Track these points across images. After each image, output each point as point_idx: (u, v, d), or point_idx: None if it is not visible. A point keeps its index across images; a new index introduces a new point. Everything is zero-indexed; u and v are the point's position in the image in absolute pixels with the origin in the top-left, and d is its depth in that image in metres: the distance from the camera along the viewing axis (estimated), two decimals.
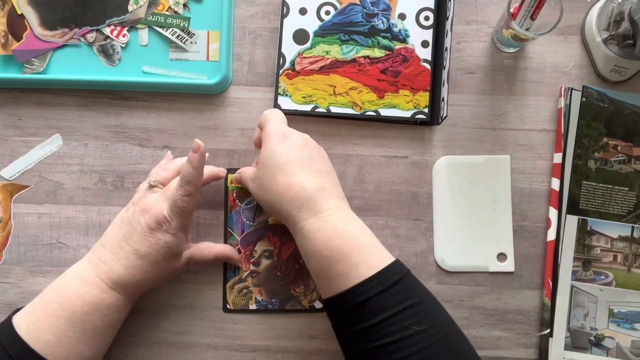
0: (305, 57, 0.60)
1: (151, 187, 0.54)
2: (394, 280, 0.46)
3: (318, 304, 0.59)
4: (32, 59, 0.61)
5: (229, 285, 0.59)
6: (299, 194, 0.49)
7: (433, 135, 0.61)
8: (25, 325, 0.49)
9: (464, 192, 0.60)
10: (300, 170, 0.49)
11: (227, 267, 0.59)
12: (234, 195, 0.60)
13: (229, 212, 0.60)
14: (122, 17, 0.61)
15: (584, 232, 0.59)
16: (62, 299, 0.50)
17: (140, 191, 0.55)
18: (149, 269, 0.51)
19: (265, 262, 0.59)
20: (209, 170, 0.57)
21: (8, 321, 0.49)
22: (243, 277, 0.59)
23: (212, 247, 0.56)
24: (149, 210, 0.51)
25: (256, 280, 0.59)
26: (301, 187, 0.49)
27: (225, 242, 0.60)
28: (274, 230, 0.59)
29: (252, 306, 0.59)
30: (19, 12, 0.61)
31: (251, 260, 0.59)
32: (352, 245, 0.47)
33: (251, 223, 0.60)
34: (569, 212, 0.59)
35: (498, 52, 0.62)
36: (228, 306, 0.59)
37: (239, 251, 0.59)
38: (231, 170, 0.60)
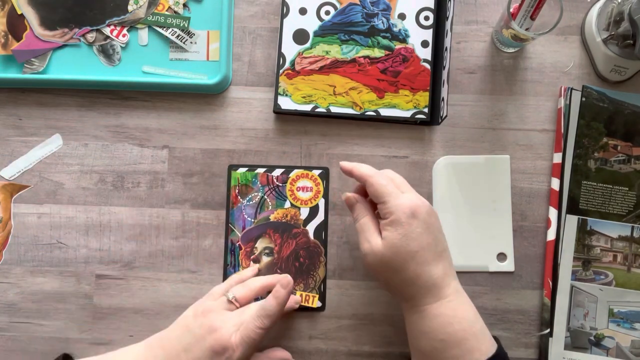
0: (305, 57, 0.60)
1: (229, 302, 0.51)
2: None
3: (317, 303, 0.59)
4: (32, 59, 0.61)
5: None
6: (426, 283, 0.48)
7: (433, 135, 0.61)
8: None
9: (464, 192, 0.60)
10: (430, 259, 0.48)
11: (227, 265, 0.59)
12: (236, 191, 0.60)
13: (230, 209, 0.60)
14: (122, 17, 0.61)
15: (584, 232, 0.59)
16: None
17: (212, 298, 0.52)
18: None
19: (265, 260, 0.59)
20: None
21: None
22: None
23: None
24: (218, 330, 0.48)
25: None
26: (429, 276, 0.48)
27: (226, 238, 0.60)
28: (275, 227, 0.60)
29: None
30: (19, 12, 0.61)
31: (251, 257, 0.59)
32: (468, 332, 0.47)
33: (252, 220, 0.60)
34: (569, 212, 0.59)
35: (498, 52, 0.62)
36: None
37: (240, 248, 0.59)
38: (233, 167, 0.60)
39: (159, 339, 0.51)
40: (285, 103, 0.60)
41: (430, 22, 0.61)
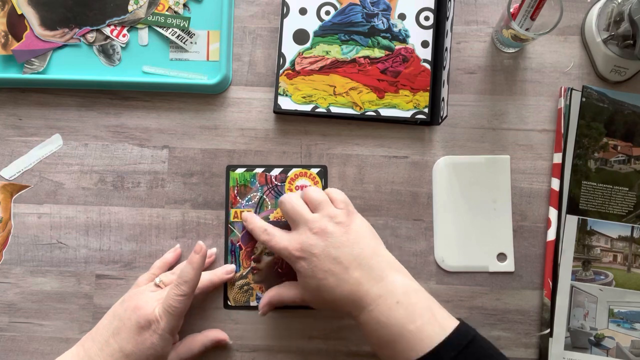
0: (305, 57, 0.60)
1: (156, 285, 0.54)
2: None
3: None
4: (32, 59, 0.61)
5: (230, 282, 0.59)
6: (346, 302, 0.50)
7: (433, 135, 0.61)
8: None
9: (464, 192, 0.60)
10: (334, 282, 0.50)
11: (228, 264, 0.59)
12: (235, 192, 0.60)
13: (229, 209, 0.60)
14: (122, 17, 0.61)
15: (584, 232, 0.59)
16: None
17: (140, 284, 0.56)
18: None
19: (266, 259, 0.59)
20: (209, 276, 0.57)
21: None
22: (244, 273, 0.59)
23: (195, 340, 0.55)
24: (142, 308, 0.50)
25: (257, 276, 0.59)
26: (344, 297, 0.50)
27: (226, 239, 0.60)
28: (275, 227, 0.59)
29: (253, 303, 0.59)
30: (19, 12, 0.61)
31: (252, 257, 0.59)
32: (396, 334, 0.48)
33: None
34: (569, 212, 0.59)
35: (498, 52, 0.62)
36: (229, 303, 0.59)
37: (240, 248, 0.59)
38: (231, 167, 0.60)
39: (89, 334, 0.53)
40: (285, 103, 0.60)
41: (431, 22, 0.61)
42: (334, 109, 0.60)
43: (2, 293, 0.60)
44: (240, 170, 0.60)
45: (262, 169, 0.60)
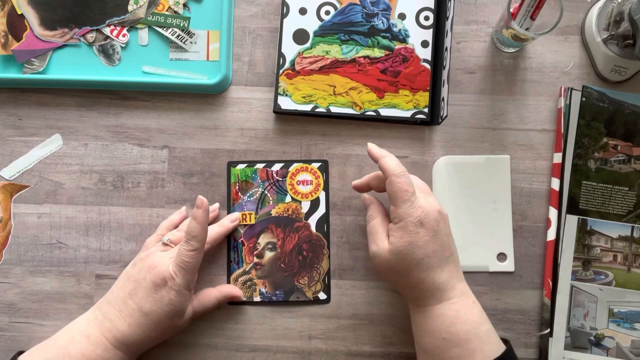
0: (305, 57, 0.60)
1: (164, 245, 0.55)
2: None
3: (322, 295, 0.59)
4: (32, 59, 0.61)
5: (233, 278, 0.59)
6: (430, 287, 0.49)
7: (433, 135, 0.61)
8: None
9: (464, 192, 0.60)
10: (435, 265, 0.49)
11: (230, 260, 0.59)
12: (236, 188, 0.60)
13: (231, 205, 0.60)
14: (122, 17, 0.61)
15: (584, 232, 0.59)
16: (66, 358, 0.50)
17: (148, 246, 0.56)
18: (152, 327, 0.51)
19: (268, 255, 0.59)
20: (216, 229, 0.58)
21: None
22: (247, 269, 0.59)
23: (209, 294, 0.56)
24: (156, 267, 0.51)
25: (260, 272, 0.59)
26: (433, 281, 0.49)
27: (229, 235, 0.60)
28: (277, 222, 0.60)
29: (257, 298, 0.59)
30: (19, 12, 0.61)
31: (255, 253, 0.59)
32: (471, 333, 0.48)
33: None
34: (569, 212, 0.59)
35: (498, 52, 0.62)
36: None
37: (242, 244, 0.59)
38: (232, 164, 0.60)
39: (104, 299, 0.54)
40: (285, 103, 0.60)
41: (430, 22, 0.61)
42: (334, 109, 0.60)
43: (2, 293, 0.60)
44: (241, 166, 0.60)
45: (263, 165, 0.60)
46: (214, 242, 0.57)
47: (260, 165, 0.60)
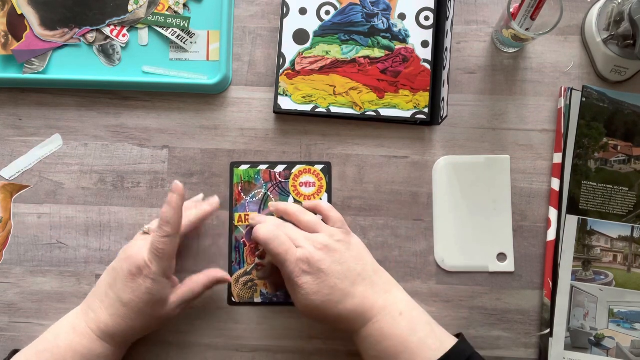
0: (305, 57, 0.60)
1: (144, 233, 0.54)
2: None
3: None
4: (32, 59, 0.61)
5: (234, 278, 0.59)
6: (349, 316, 0.50)
7: (433, 135, 0.61)
8: None
9: (464, 192, 0.60)
10: (342, 296, 0.50)
11: (231, 262, 0.59)
12: (239, 189, 0.60)
13: (234, 206, 0.60)
14: (122, 17, 0.61)
15: (584, 232, 0.59)
16: (55, 350, 0.50)
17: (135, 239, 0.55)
18: (133, 317, 0.51)
19: (269, 256, 0.59)
20: (194, 212, 0.56)
21: None
22: (248, 270, 0.59)
23: (197, 279, 0.54)
24: (132, 256, 0.51)
25: (261, 273, 0.59)
26: (349, 312, 0.50)
27: (230, 235, 0.60)
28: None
29: (257, 299, 0.59)
30: (19, 12, 0.61)
31: (256, 254, 0.59)
32: (400, 347, 0.48)
33: None
34: (569, 212, 0.59)
35: (498, 52, 0.62)
36: (233, 299, 0.59)
37: (244, 244, 0.59)
38: (235, 164, 0.60)
39: (92, 290, 0.54)
40: (285, 103, 0.60)
41: (431, 22, 0.61)
42: (334, 109, 0.60)
43: (2, 293, 0.60)
44: (244, 167, 0.60)
45: (267, 166, 0.60)
46: (192, 225, 0.55)
47: (263, 167, 0.60)
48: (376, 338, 0.49)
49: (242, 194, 0.60)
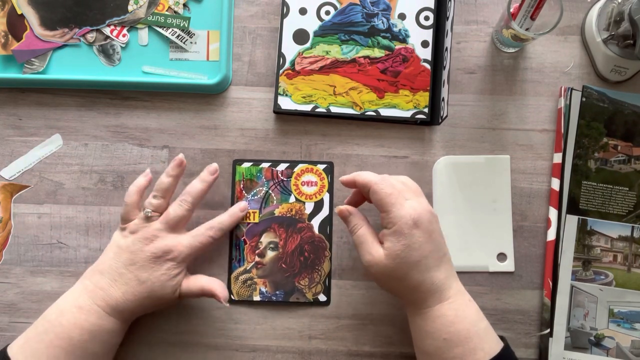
0: (305, 57, 0.60)
1: (148, 217, 0.54)
2: None
3: (322, 297, 0.59)
4: (32, 59, 0.61)
5: (234, 276, 0.59)
6: (429, 288, 0.49)
7: (433, 135, 0.61)
8: (23, 357, 0.49)
9: (464, 192, 0.60)
10: (432, 265, 0.49)
11: (232, 260, 0.59)
12: (241, 186, 0.60)
13: (235, 203, 0.60)
14: (122, 17, 0.61)
15: (584, 232, 0.59)
16: (58, 329, 0.50)
17: (129, 218, 0.54)
18: (145, 295, 0.52)
19: (270, 254, 0.59)
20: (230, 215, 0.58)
21: (3, 354, 0.50)
22: (248, 268, 0.59)
23: (199, 280, 0.55)
24: (154, 239, 0.53)
25: (261, 271, 0.59)
26: (432, 282, 0.49)
27: (231, 233, 0.60)
28: (280, 222, 0.60)
29: (257, 297, 0.59)
30: (19, 12, 0.61)
31: (256, 252, 0.59)
32: (471, 331, 0.48)
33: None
34: (569, 212, 0.59)
35: (498, 52, 0.62)
36: (232, 297, 0.59)
37: (244, 242, 0.59)
38: (238, 162, 0.60)
39: (96, 269, 0.53)
40: (285, 103, 0.60)
41: (431, 22, 0.61)
42: (334, 109, 0.60)
43: (2, 293, 0.60)
44: (246, 165, 0.60)
45: (269, 164, 0.60)
46: (200, 198, 0.56)
47: (265, 165, 0.60)
48: (450, 318, 0.49)
49: (244, 192, 0.60)
